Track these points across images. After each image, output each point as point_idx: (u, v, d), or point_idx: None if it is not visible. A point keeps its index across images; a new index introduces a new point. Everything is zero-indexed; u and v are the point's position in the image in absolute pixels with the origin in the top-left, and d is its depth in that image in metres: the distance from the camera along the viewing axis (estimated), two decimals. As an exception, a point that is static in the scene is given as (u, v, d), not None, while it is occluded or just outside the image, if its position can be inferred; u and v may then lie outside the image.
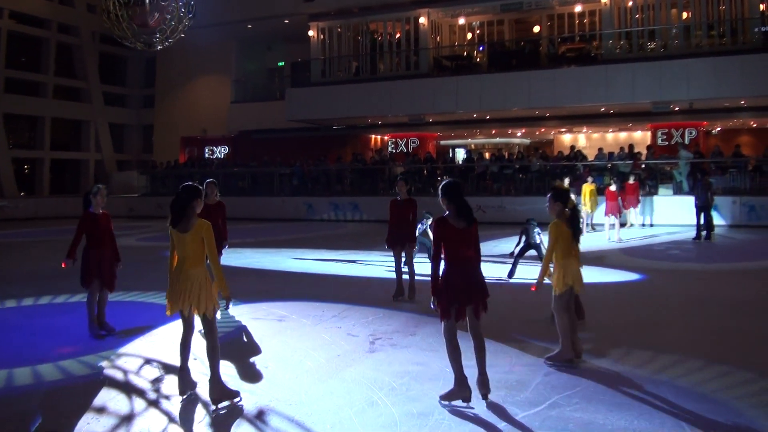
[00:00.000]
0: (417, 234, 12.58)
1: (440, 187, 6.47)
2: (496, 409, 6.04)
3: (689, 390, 6.49)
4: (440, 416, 5.87)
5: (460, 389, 6.18)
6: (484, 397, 6.23)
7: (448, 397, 6.22)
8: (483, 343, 6.36)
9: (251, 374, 7.10)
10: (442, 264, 6.32)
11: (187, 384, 6.56)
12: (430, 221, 13.36)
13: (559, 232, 7.45)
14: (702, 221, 19.46)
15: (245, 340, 8.78)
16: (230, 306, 6.76)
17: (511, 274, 13.21)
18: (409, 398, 6.33)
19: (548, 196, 7.74)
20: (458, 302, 6.26)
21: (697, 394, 6.38)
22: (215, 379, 6.34)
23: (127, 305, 11.10)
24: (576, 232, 7.54)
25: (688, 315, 10.05)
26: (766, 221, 22.73)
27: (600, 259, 15.87)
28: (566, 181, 20.44)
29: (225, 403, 6.30)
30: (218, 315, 6.54)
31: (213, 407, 6.26)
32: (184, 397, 6.54)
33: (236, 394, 6.42)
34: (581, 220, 14.89)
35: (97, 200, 9.03)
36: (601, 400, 6.20)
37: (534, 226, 12.78)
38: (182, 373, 6.55)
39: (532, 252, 12.79)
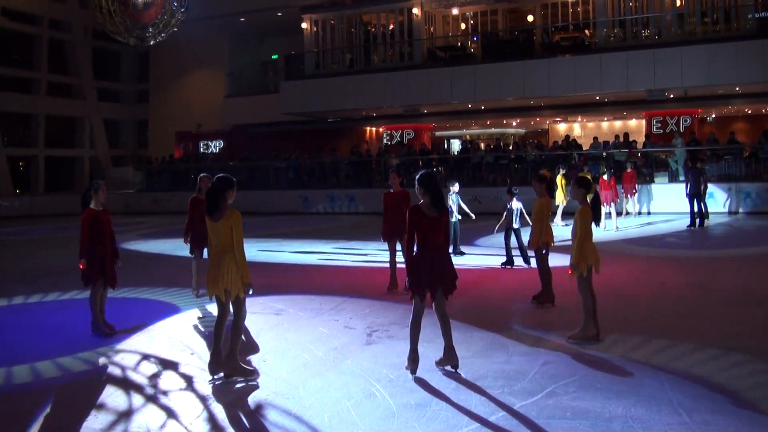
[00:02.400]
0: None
1: (417, 177, 6.87)
2: (493, 398, 6.05)
3: (686, 375, 6.51)
4: (438, 407, 5.88)
5: (411, 362, 6.77)
6: (454, 367, 6.82)
7: (407, 366, 6.81)
8: (447, 319, 6.88)
9: (249, 368, 7.09)
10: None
11: (219, 366, 6.83)
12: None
13: (587, 218, 7.80)
14: (696, 209, 19.46)
15: (242, 334, 8.77)
16: (250, 292, 6.97)
17: (507, 262, 13.28)
18: (406, 389, 6.35)
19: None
20: (428, 284, 6.74)
21: (693, 378, 6.41)
22: (232, 356, 6.76)
23: (125, 301, 11.09)
24: (597, 216, 7.88)
25: (683, 301, 10.06)
26: (761, 208, 22.76)
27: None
28: (561, 171, 20.46)
29: (240, 380, 6.73)
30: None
31: (226, 380, 6.73)
32: (214, 377, 6.80)
33: (253, 372, 6.88)
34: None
35: (99, 196, 8.94)
36: (598, 388, 6.22)
37: (513, 209, 12.84)
38: (215, 356, 6.85)
39: None
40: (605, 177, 19.92)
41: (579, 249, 7.72)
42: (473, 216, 15.27)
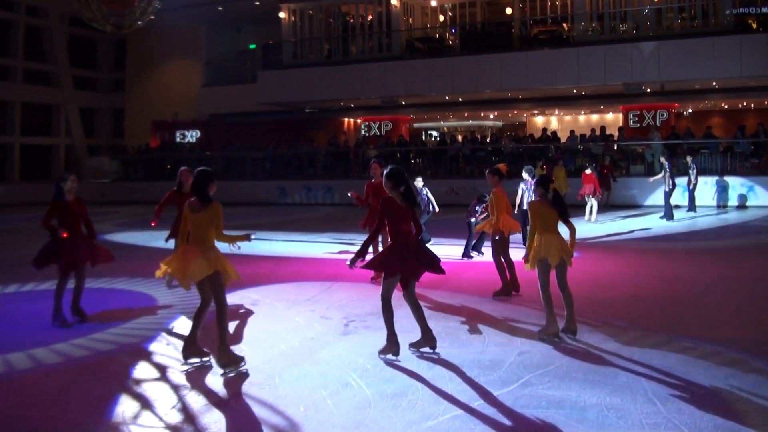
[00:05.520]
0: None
1: (385, 172, 7.06)
2: (469, 388, 6.07)
3: (661, 365, 6.55)
4: (414, 396, 5.88)
5: (391, 345, 6.93)
6: (432, 348, 7.02)
7: (383, 351, 6.97)
8: (419, 304, 7.10)
9: (224, 358, 7.06)
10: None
11: (194, 352, 6.90)
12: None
13: (538, 212, 7.75)
14: (674, 202, 19.80)
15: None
16: (253, 237, 7.44)
17: (474, 249, 13.36)
18: (383, 379, 6.35)
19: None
20: (401, 271, 6.93)
21: (668, 368, 6.45)
22: (223, 345, 6.71)
23: (101, 291, 11.00)
24: (562, 210, 7.76)
25: (660, 293, 10.12)
26: (738, 201, 23.05)
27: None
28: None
29: (231, 369, 6.69)
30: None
31: (221, 372, 6.64)
32: (188, 362, 6.88)
33: (241, 359, 6.83)
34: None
35: (68, 186, 8.79)
36: (573, 377, 6.25)
37: (482, 204, 12.80)
38: (190, 340, 6.89)
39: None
40: (587, 171, 20.31)
41: (530, 243, 7.79)
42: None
